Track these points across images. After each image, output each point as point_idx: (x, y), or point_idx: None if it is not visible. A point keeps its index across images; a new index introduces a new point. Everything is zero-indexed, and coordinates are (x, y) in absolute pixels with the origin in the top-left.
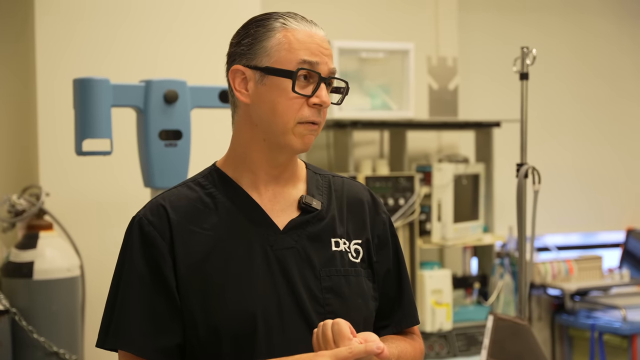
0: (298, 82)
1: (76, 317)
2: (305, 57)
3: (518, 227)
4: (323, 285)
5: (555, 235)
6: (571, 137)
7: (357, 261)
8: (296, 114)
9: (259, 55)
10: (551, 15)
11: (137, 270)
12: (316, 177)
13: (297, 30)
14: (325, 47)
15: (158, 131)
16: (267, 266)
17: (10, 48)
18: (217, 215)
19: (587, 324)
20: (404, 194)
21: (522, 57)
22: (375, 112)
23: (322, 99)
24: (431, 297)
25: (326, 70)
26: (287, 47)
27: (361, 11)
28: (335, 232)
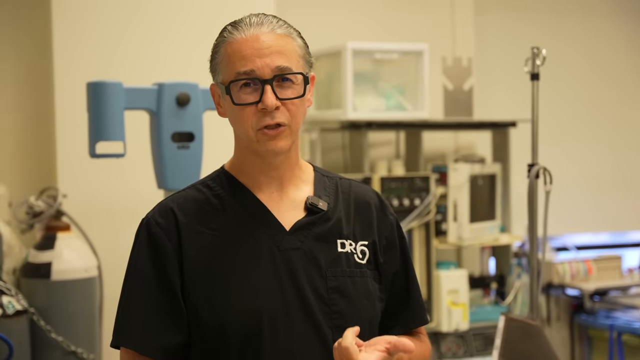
0: (241, 92)
1: (94, 317)
2: (240, 69)
3: (529, 227)
4: (329, 286)
5: (576, 235)
6: (592, 136)
7: (363, 262)
8: (249, 122)
9: (216, 73)
10: (567, 18)
11: (144, 270)
12: (323, 179)
13: (234, 40)
14: (265, 46)
15: (171, 133)
16: (274, 266)
17: (28, 55)
18: (224, 216)
19: (606, 324)
20: (419, 194)
21: (533, 57)
22: (389, 113)
23: (265, 104)
24: (447, 297)
25: (268, 71)
26: (227, 61)
27: (377, 13)
28: (341, 233)
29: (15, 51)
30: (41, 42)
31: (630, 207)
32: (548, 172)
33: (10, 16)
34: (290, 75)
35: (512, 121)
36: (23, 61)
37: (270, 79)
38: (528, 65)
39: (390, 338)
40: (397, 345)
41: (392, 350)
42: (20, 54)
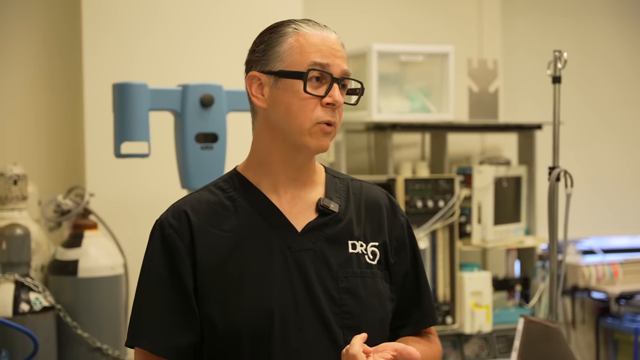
0: (310, 83)
1: (119, 314)
2: (316, 59)
3: (549, 230)
4: (340, 286)
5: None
6: (621, 138)
7: (374, 263)
8: (311, 114)
9: (273, 60)
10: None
11: (157, 271)
12: (335, 181)
13: (308, 34)
14: (337, 49)
15: (194, 134)
16: (285, 267)
17: (59, 58)
18: (236, 217)
19: (631, 327)
20: (443, 196)
21: (554, 60)
22: (414, 115)
23: (335, 98)
24: (471, 298)
25: (338, 72)
26: (298, 50)
27: (403, 15)
28: (352, 235)
29: (46, 54)
30: (71, 45)
31: None
32: (569, 175)
33: (42, 20)
34: (346, 82)
35: (538, 124)
36: (54, 63)
37: (340, 78)
38: (550, 69)
39: (398, 346)
40: (404, 353)
41: (398, 357)
42: (51, 57)
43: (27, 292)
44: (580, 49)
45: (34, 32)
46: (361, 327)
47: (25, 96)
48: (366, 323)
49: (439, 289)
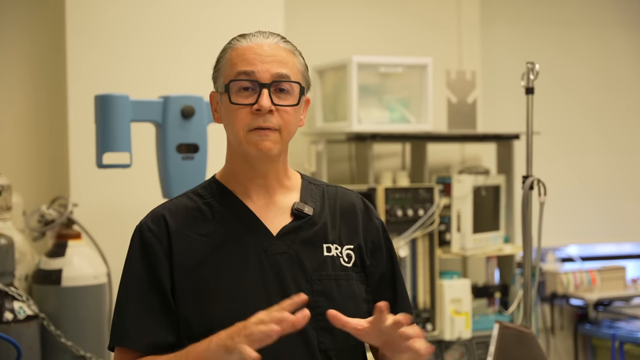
0: (238, 94)
1: (103, 323)
2: (240, 69)
3: (523, 237)
4: (314, 289)
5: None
6: (599, 147)
7: (349, 265)
8: (242, 123)
9: (217, 78)
10: (572, 30)
11: (137, 273)
12: (310, 187)
13: (239, 47)
14: (268, 54)
15: (176, 145)
16: (261, 270)
17: (43, 69)
18: (213, 222)
19: (609, 333)
20: (423, 204)
21: (527, 72)
22: (394, 125)
23: (260, 104)
24: (450, 306)
25: (268, 77)
26: (229, 64)
27: (384, 27)
28: (327, 238)
29: (30, 65)
30: (55, 57)
31: (635, 218)
32: (542, 183)
33: (26, 31)
34: (287, 86)
35: (516, 134)
36: (38, 75)
37: (269, 83)
38: (524, 80)
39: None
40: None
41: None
42: (35, 68)
43: (11, 301)
44: (559, 57)
45: (18, 43)
46: (334, 329)
47: (10, 108)
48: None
49: (419, 296)
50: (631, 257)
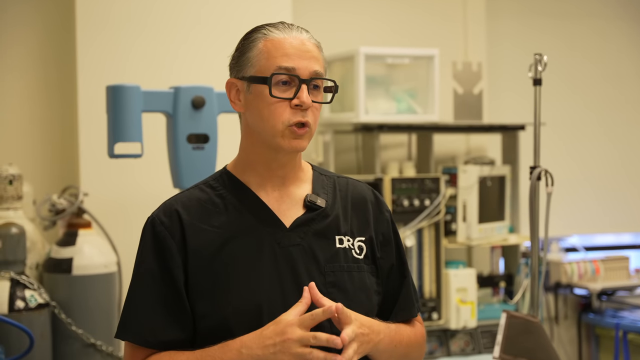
0: (277, 87)
1: (113, 311)
2: (282, 63)
3: (530, 228)
4: (327, 280)
5: (585, 236)
6: (603, 138)
7: (361, 257)
8: (280, 117)
9: (245, 67)
10: (577, 22)
11: (148, 267)
12: (322, 178)
13: (275, 38)
14: (306, 50)
15: (186, 135)
16: (275, 262)
17: (53, 60)
18: (226, 214)
19: (612, 323)
20: (429, 195)
21: (535, 63)
22: (400, 116)
23: (302, 100)
24: (456, 295)
25: (307, 73)
26: (266, 55)
27: (390, 18)
28: (339, 230)
29: (41, 57)
30: (65, 47)
31: (637, 208)
32: (549, 174)
33: (36, 24)
34: (319, 82)
35: (521, 124)
36: (48, 65)
37: (308, 79)
38: (531, 71)
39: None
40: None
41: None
42: (46, 59)
43: (23, 289)
44: (564, 50)
45: (29, 35)
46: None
47: (21, 98)
48: None
49: (425, 285)
50: (634, 247)
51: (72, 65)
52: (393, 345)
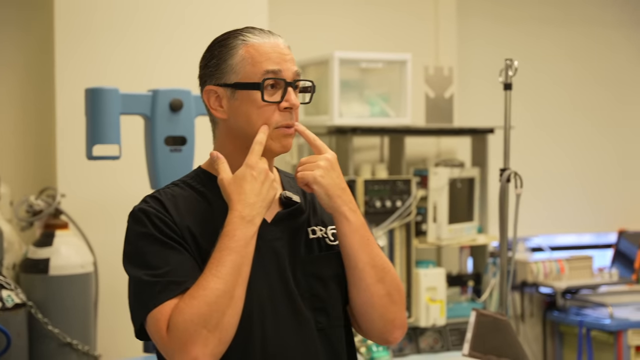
0: (266, 91)
1: (89, 311)
2: (269, 67)
3: (500, 228)
4: (308, 271)
5: (551, 236)
6: (568, 141)
7: (335, 244)
8: (270, 120)
9: (227, 73)
10: (546, 26)
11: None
12: (287, 179)
13: (257, 44)
14: (286, 53)
15: (164, 137)
16: (259, 255)
17: (32, 62)
18: (210, 210)
19: (576, 320)
20: (401, 196)
21: (506, 68)
22: (373, 119)
23: (291, 102)
24: (426, 294)
25: (290, 75)
26: (250, 61)
27: (364, 23)
28: (312, 222)
29: (19, 58)
30: (44, 48)
31: (602, 210)
32: (519, 176)
33: (15, 23)
34: (298, 83)
35: (490, 128)
36: (27, 67)
37: (293, 82)
38: (502, 76)
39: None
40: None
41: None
42: (24, 60)
43: (0, 289)
44: (532, 55)
45: (7, 35)
46: (328, 308)
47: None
48: (332, 303)
49: None
50: (597, 247)
51: (50, 67)
52: (363, 231)
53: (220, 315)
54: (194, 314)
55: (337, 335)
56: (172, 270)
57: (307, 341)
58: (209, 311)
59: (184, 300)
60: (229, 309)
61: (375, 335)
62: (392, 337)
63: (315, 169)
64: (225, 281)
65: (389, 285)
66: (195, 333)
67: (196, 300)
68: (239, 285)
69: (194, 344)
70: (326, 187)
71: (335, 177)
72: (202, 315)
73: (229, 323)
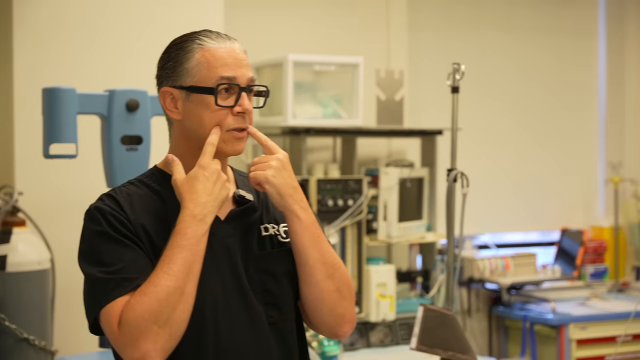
0: (220, 96)
1: (46, 307)
2: (223, 74)
3: (447, 226)
4: (259, 267)
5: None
6: (513, 143)
7: (287, 241)
8: (223, 123)
9: (183, 76)
10: (493, 32)
11: (106, 234)
12: (241, 178)
13: (212, 48)
14: (242, 58)
15: (120, 136)
16: (212, 251)
17: None
18: (164, 208)
19: (520, 315)
20: (352, 195)
21: (453, 72)
22: (326, 120)
23: (244, 107)
24: (376, 290)
25: (245, 81)
26: (206, 66)
27: (319, 27)
28: (264, 220)
29: None
30: (2, 48)
31: (546, 209)
32: (465, 176)
33: None
34: (255, 89)
35: (439, 129)
36: None
37: (247, 87)
38: (450, 79)
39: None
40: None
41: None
42: None
43: None
44: (480, 59)
45: None
46: (281, 304)
47: None
48: (283, 298)
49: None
50: (540, 245)
51: (8, 67)
52: (314, 229)
53: (170, 311)
54: (145, 310)
55: (289, 329)
56: (125, 267)
57: (260, 335)
58: (159, 307)
59: (135, 296)
60: (179, 305)
61: (325, 330)
62: (341, 332)
63: (267, 169)
64: (176, 278)
65: (338, 282)
66: (145, 329)
67: (147, 296)
68: (189, 282)
69: (144, 339)
70: (278, 187)
71: (287, 177)
72: (153, 312)
73: (179, 319)
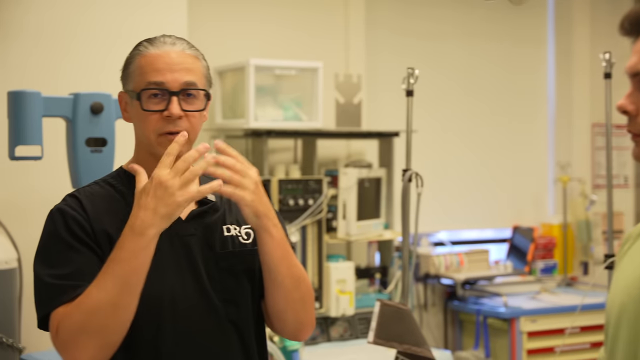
0: (149, 100)
1: (14, 305)
2: (151, 79)
3: (402, 224)
4: (220, 266)
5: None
6: (466, 144)
7: (249, 242)
8: (153, 127)
9: (127, 81)
10: (446, 38)
11: (61, 237)
12: (206, 179)
13: (149, 54)
14: (177, 62)
15: (85, 139)
16: (173, 250)
17: None
18: (126, 209)
19: (474, 309)
20: (313, 195)
21: (408, 77)
22: (287, 123)
23: (170, 112)
24: (336, 286)
25: (177, 85)
26: (139, 71)
27: (279, 32)
28: (227, 220)
29: None
30: None
31: (497, 207)
32: (420, 176)
33: None
34: (194, 91)
35: (396, 131)
36: None
37: (178, 91)
38: (404, 83)
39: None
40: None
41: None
42: None
43: None
44: (433, 65)
45: None
46: (239, 302)
47: None
48: (242, 296)
49: (309, 277)
50: (493, 242)
51: None
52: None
53: (100, 322)
54: (75, 321)
55: (247, 326)
56: (71, 273)
57: (219, 330)
58: (89, 319)
59: (70, 306)
60: (112, 317)
61: (287, 334)
62: (302, 336)
63: (245, 191)
64: (107, 292)
65: (303, 292)
66: (75, 338)
67: (78, 308)
68: (125, 295)
69: (74, 348)
70: (256, 209)
71: (262, 196)
72: (81, 323)
73: (112, 330)
